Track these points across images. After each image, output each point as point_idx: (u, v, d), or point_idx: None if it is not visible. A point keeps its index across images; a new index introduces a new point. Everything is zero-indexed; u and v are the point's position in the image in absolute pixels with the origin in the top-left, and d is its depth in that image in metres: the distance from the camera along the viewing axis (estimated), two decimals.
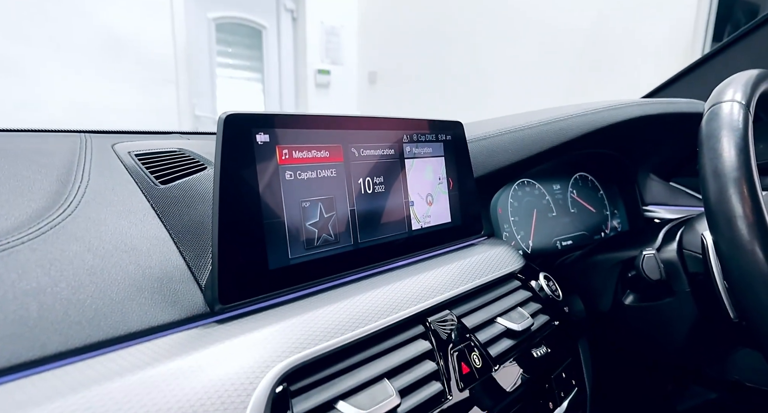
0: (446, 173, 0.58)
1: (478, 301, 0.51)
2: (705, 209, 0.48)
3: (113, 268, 0.35)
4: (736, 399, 0.90)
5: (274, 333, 0.35)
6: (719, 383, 0.92)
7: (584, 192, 0.86)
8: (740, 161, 0.46)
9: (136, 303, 0.34)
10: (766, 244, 0.44)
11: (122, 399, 0.28)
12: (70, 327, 0.30)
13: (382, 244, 0.49)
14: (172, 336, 0.34)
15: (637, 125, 0.68)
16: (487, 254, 0.58)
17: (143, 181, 0.46)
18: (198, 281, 0.38)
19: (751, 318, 0.46)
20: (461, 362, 0.44)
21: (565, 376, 0.53)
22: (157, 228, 0.40)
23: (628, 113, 0.66)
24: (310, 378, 0.35)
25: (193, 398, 0.29)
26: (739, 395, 0.89)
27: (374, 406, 0.35)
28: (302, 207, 0.42)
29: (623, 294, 0.64)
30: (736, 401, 0.89)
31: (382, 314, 0.42)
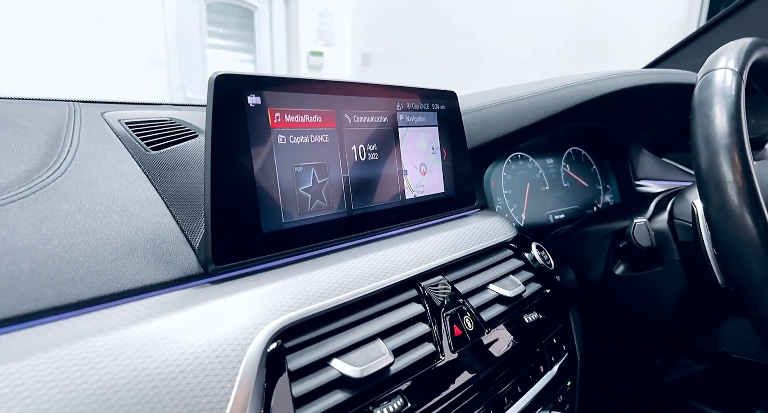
0: (440, 143, 0.58)
1: (470, 268, 0.51)
2: (696, 176, 0.48)
3: (105, 228, 0.35)
4: (724, 371, 0.92)
5: (268, 292, 0.36)
6: (707, 355, 0.94)
7: (577, 166, 0.87)
8: (732, 128, 0.46)
9: (129, 263, 0.34)
10: (755, 211, 0.44)
11: (118, 351, 0.28)
12: (63, 283, 0.30)
13: (376, 212, 0.49)
14: (166, 295, 0.34)
15: (630, 96, 0.68)
16: (480, 224, 0.58)
17: (134, 147, 0.45)
18: (191, 243, 0.38)
19: (739, 284, 0.46)
20: (453, 325, 0.44)
21: (555, 342, 0.54)
22: (149, 192, 0.40)
23: (621, 83, 0.66)
24: (305, 337, 0.35)
25: (189, 353, 0.29)
26: (726, 366, 0.92)
27: (368, 363, 0.35)
28: (295, 172, 0.42)
29: (614, 264, 0.65)
30: (724, 372, 0.92)
31: (376, 277, 0.42)
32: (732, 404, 0.85)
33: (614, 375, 0.95)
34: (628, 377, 0.94)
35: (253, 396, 0.29)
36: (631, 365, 0.95)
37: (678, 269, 0.59)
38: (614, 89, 0.65)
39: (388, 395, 0.36)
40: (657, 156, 0.94)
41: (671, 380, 0.94)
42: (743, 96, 0.48)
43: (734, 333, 0.93)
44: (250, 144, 0.39)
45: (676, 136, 0.94)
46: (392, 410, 0.36)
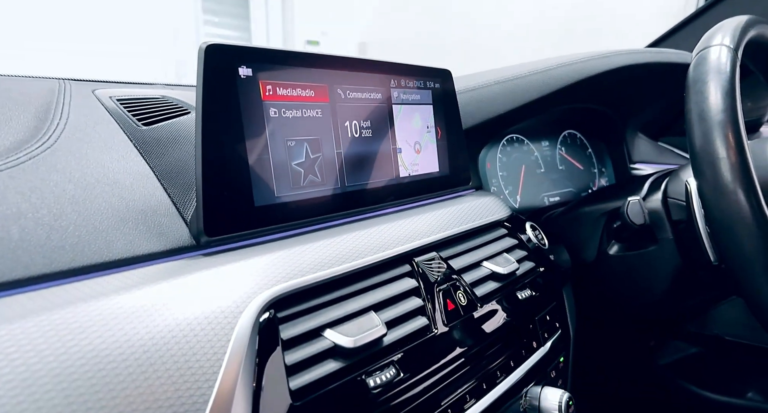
0: (434, 122, 0.58)
1: (464, 246, 0.52)
2: (690, 153, 0.48)
3: (96, 199, 0.34)
4: (717, 353, 0.93)
5: (261, 264, 0.36)
6: (700, 337, 0.95)
7: (572, 149, 0.87)
8: (726, 104, 0.46)
9: (120, 233, 0.34)
10: (747, 187, 0.44)
11: (110, 318, 0.28)
12: (53, 251, 0.30)
13: (370, 190, 0.49)
14: (157, 266, 0.34)
15: (625, 75, 0.68)
16: (474, 203, 0.58)
17: (125, 122, 0.45)
18: (183, 216, 0.38)
19: (731, 260, 0.47)
20: (447, 300, 0.44)
21: (549, 319, 0.55)
22: (140, 166, 0.40)
23: (617, 61, 0.65)
24: (298, 307, 0.35)
25: (181, 320, 0.29)
26: (719, 348, 0.93)
27: (361, 334, 0.36)
28: (288, 146, 0.42)
29: (608, 244, 0.65)
30: (717, 354, 0.93)
31: (369, 252, 0.42)
32: (725, 385, 0.86)
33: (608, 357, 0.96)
34: (622, 359, 0.95)
35: (245, 363, 0.29)
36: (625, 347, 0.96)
37: (671, 248, 0.60)
38: (609, 68, 0.65)
39: (381, 365, 0.37)
40: (652, 139, 0.94)
41: (665, 362, 0.95)
42: (738, 73, 0.48)
43: (727, 315, 0.93)
44: (241, 116, 0.38)
45: (671, 120, 0.94)
46: (385, 379, 0.36)
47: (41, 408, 0.23)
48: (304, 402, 0.31)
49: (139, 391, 0.26)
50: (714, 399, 0.86)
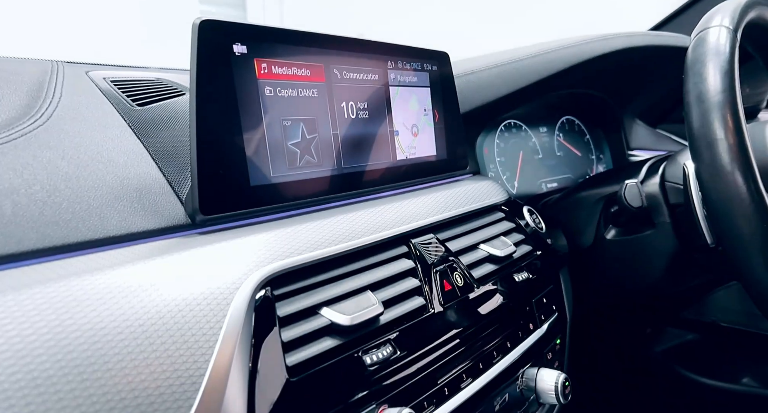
0: (432, 105, 0.58)
1: (461, 228, 0.51)
2: (688, 135, 0.48)
3: (90, 176, 0.34)
4: (713, 339, 0.94)
5: (257, 242, 0.36)
6: (697, 324, 0.96)
7: (570, 136, 0.86)
8: (725, 84, 0.46)
9: (114, 210, 0.33)
10: (745, 168, 0.44)
11: (105, 293, 0.28)
12: (46, 226, 0.30)
13: (367, 172, 0.49)
14: (153, 243, 0.34)
15: (624, 58, 0.67)
16: (472, 186, 0.58)
17: (119, 102, 0.45)
18: (178, 195, 0.38)
19: (727, 242, 0.47)
20: (443, 280, 0.44)
21: (545, 302, 0.55)
22: (134, 145, 0.40)
23: (615, 44, 0.65)
24: (294, 285, 0.35)
25: (177, 296, 0.29)
26: (715, 335, 0.93)
27: (358, 312, 0.35)
28: (283, 125, 0.42)
29: (605, 229, 0.65)
30: (713, 341, 0.94)
31: (366, 233, 0.42)
32: (720, 371, 0.87)
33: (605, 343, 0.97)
34: (618, 345, 0.96)
35: (241, 339, 0.29)
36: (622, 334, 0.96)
37: (668, 231, 0.60)
38: (608, 50, 0.64)
39: (378, 343, 0.37)
40: (651, 126, 0.93)
41: (661, 349, 0.96)
42: (737, 53, 0.48)
43: (723, 302, 0.94)
44: (236, 94, 0.38)
45: (670, 107, 0.94)
46: (382, 357, 0.36)
47: (36, 378, 0.23)
48: (300, 378, 0.31)
49: (134, 363, 0.26)
50: (709, 385, 0.86)
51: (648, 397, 0.95)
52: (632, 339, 0.95)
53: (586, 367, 0.96)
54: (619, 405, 0.97)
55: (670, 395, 0.92)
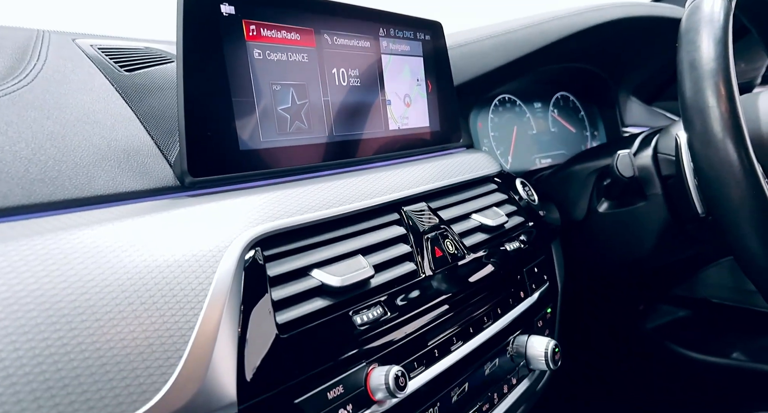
0: (425, 75, 0.57)
1: (454, 198, 0.52)
2: (680, 104, 0.48)
3: (75, 137, 0.34)
4: (704, 316, 0.95)
5: (247, 205, 0.35)
6: (688, 301, 0.97)
7: (565, 112, 0.86)
8: (717, 52, 0.45)
9: (101, 170, 0.33)
10: (736, 137, 0.44)
11: (93, 248, 0.27)
12: (32, 183, 0.30)
13: (359, 141, 0.49)
14: (141, 204, 0.34)
15: (619, 29, 0.67)
16: (465, 158, 0.58)
17: (106, 68, 0.44)
18: (167, 158, 0.38)
19: (718, 210, 0.47)
20: (435, 247, 0.45)
21: (537, 271, 0.55)
22: (121, 108, 0.39)
23: (610, 14, 0.64)
24: (285, 247, 0.35)
25: (167, 253, 0.29)
26: (706, 311, 0.95)
27: (348, 274, 0.36)
28: (273, 90, 0.41)
29: (598, 202, 0.66)
30: (704, 317, 0.95)
31: (357, 199, 0.42)
32: (711, 346, 0.88)
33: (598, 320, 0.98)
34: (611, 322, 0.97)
35: (231, 295, 0.29)
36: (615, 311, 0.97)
37: (660, 203, 0.60)
38: (603, 21, 0.64)
39: (368, 304, 0.37)
40: (646, 103, 0.93)
41: (653, 326, 0.97)
42: (731, 22, 0.47)
43: (714, 278, 0.95)
44: (224, 55, 0.37)
45: (665, 83, 0.93)
46: (372, 317, 0.36)
47: (24, 325, 0.23)
48: (290, 335, 0.32)
49: (123, 315, 0.26)
50: (700, 360, 0.88)
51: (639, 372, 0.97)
52: (624, 316, 0.97)
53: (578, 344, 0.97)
54: (611, 380, 0.99)
55: (662, 370, 0.94)
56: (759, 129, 0.54)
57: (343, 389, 0.33)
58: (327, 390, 0.32)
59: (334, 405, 0.32)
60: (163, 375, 0.25)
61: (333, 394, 0.32)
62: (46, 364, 0.23)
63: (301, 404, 0.31)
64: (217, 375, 0.27)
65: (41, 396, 0.22)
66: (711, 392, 0.90)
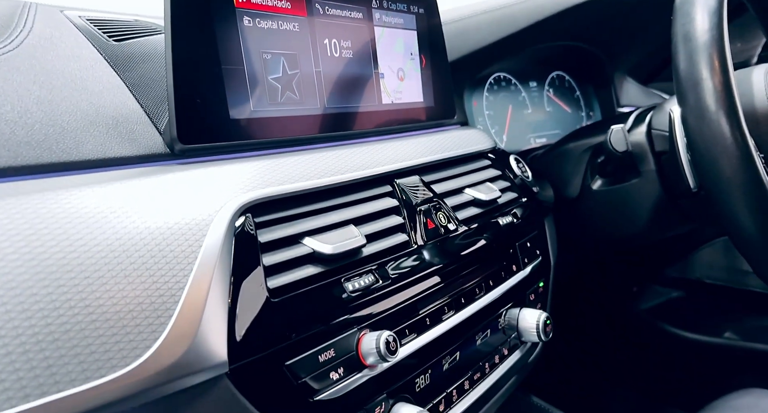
0: (418, 49, 0.56)
1: (447, 172, 0.51)
2: (674, 78, 0.48)
3: (63, 102, 0.33)
4: (698, 296, 0.96)
5: (238, 172, 0.35)
6: (682, 282, 0.98)
7: (560, 92, 0.86)
8: (712, 23, 0.45)
9: (90, 135, 0.33)
10: (729, 110, 0.44)
11: (81, 208, 0.27)
12: (18, 146, 0.29)
13: (351, 114, 0.48)
14: (131, 169, 0.33)
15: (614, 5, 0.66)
16: (459, 134, 0.58)
17: (94, 37, 0.43)
18: (157, 126, 0.37)
19: (710, 183, 0.47)
20: (427, 219, 0.45)
21: (529, 246, 0.56)
22: (110, 76, 0.39)
23: None
24: (276, 214, 0.35)
25: (157, 216, 0.29)
26: (700, 292, 0.96)
27: (340, 242, 0.36)
28: (263, 58, 0.41)
29: (592, 179, 0.66)
30: (698, 298, 0.96)
31: (350, 170, 0.42)
32: (704, 326, 0.89)
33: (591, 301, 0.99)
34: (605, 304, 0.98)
35: (221, 259, 0.29)
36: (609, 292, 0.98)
37: (653, 179, 0.60)
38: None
39: (360, 272, 0.37)
40: (642, 84, 0.93)
41: (647, 307, 0.98)
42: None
43: (708, 259, 0.96)
44: (213, 21, 0.37)
45: (661, 63, 0.93)
46: (363, 285, 0.36)
47: (11, 280, 0.23)
48: (281, 299, 0.32)
49: (113, 274, 0.26)
50: (693, 339, 0.89)
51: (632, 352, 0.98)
52: (618, 297, 0.98)
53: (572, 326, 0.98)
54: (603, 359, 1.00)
55: (654, 350, 0.95)
56: (752, 104, 0.54)
57: (335, 352, 0.33)
58: (318, 353, 0.32)
59: (326, 368, 0.33)
60: (154, 332, 0.26)
61: (324, 357, 0.33)
62: (35, 318, 0.23)
63: (293, 366, 0.31)
64: (207, 334, 0.27)
65: (30, 349, 0.22)
66: (703, 370, 0.91)
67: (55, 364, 0.23)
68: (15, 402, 0.21)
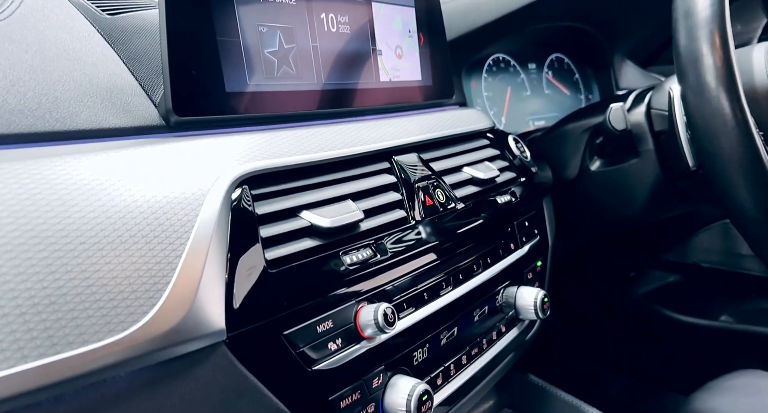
0: (417, 26, 0.56)
1: (445, 151, 0.51)
2: (674, 55, 0.47)
3: (56, 71, 0.33)
4: (695, 280, 0.97)
5: (234, 144, 0.35)
6: (678, 266, 0.99)
7: (559, 74, 0.85)
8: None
9: (84, 105, 0.32)
10: (729, 85, 0.44)
11: (75, 174, 0.27)
12: (11, 113, 0.29)
13: (348, 90, 0.48)
14: (126, 140, 0.33)
15: None
16: (457, 113, 0.57)
17: (87, 11, 0.42)
18: (152, 99, 0.37)
19: (709, 161, 0.47)
20: (425, 196, 0.44)
21: (527, 225, 0.56)
22: (104, 48, 0.38)
23: None
24: (274, 187, 0.35)
25: (155, 187, 0.29)
26: (697, 276, 0.96)
27: (338, 216, 0.36)
28: (259, 31, 0.40)
29: (590, 160, 0.66)
30: (695, 282, 0.97)
31: (348, 145, 0.41)
32: (700, 310, 0.90)
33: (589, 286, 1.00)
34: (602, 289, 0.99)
35: (217, 229, 0.29)
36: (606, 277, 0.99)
37: (652, 159, 0.60)
38: None
39: (358, 246, 0.37)
40: (641, 67, 0.92)
41: (644, 291, 0.99)
42: None
43: (705, 243, 0.96)
44: None
45: (661, 47, 0.92)
46: (361, 258, 0.36)
47: (6, 244, 0.23)
48: (279, 270, 0.32)
49: (109, 240, 0.26)
50: (689, 323, 0.90)
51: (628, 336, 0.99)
52: (615, 282, 0.98)
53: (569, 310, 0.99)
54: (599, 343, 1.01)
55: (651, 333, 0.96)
56: (753, 82, 0.54)
57: (333, 324, 0.33)
58: (316, 323, 0.33)
59: (324, 339, 0.33)
60: (151, 298, 0.26)
61: (322, 328, 0.33)
62: (30, 281, 0.23)
63: (291, 335, 0.31)
64: (205, 302, 0.27)
65: (27, 311, 0.22)
66: (699, 353, 0.92)
67: (52, 327, 0.23)
68: (13, 362, 0.21)
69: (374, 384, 0.35)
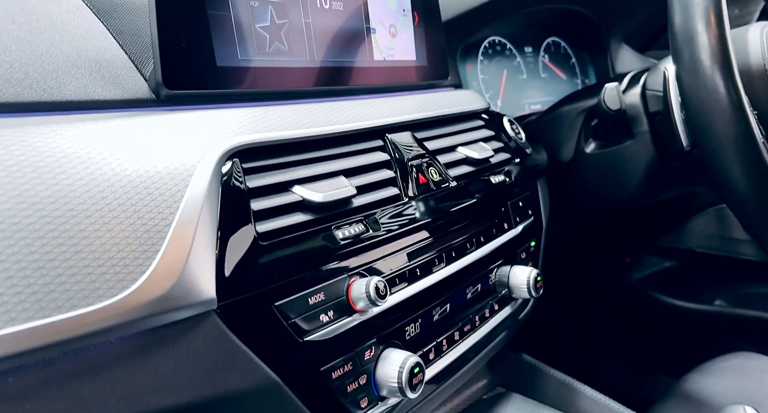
0: (411, 5, 0.55)
1: (439, 131, 0.51)
2: (669, 34, 0.47)
3: (43, 43, 0.32)
4: (689, 265, 0.97)
5: (225, 118, 0.35)
6: (674, 251, 0.99)
7: (556, 58, 0.85)
8: None
9: (72, 77, 0.32)
10: (724, 66, 0.44)
11: (63, 143, 0.27)
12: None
13: (341, 68, 0.48)
14: (115, 112, 0.33)
15: None
16: (452, 94, 0.57)
17: None
18: (142, 72, 0.37)
19: (703, 141, 0.47)
20: (419, 174, 0.44)
21: (521, 206, 0.56)
22: (92, 22, 0.37)
23: None
24: (265, 162, 0.35)
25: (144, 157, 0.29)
26: (692, 261, 0.97)
27: (330, 191, 0.35)
28: (251, 5, 0.40)
29: (585, 142, 0.66)
30: (690, 267, 0.97)
31: (340, 122, 0.41)
32: (695, 294, 0.91)
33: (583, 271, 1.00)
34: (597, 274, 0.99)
35: (207, 199, 0.29)
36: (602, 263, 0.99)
37: (647, 141, 0.60)
38: None
39: (350, 222, 0.37)
40: (638, 52, 0.92)
41: (639, 276, 0.99)
42: None
43: (700, 229, 0.97)
44: None
45: (657, 32, 0.92)
46: (354, 233, 0.36)
47: None
48: (270, 243, 0.32)
49: (97, 207, 0.25)
50: (684, 307, 0.90)
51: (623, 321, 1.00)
52: (611, 268, 0.99)
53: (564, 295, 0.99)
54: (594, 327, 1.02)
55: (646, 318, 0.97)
56: (747, 62, 0.54)
57: (324, 296, 0.33)
58: (308, 295, 0.33)
59: (315, 310, 0.33)
60: (140, 266, 0.25)
61: (314, 300, 0.33)
62: (17, 246, 0.23)
63: (282, 306, 0.31)
64: (195, 271, 0.27)
65: (14, 275, 0.22)
66: (693, 338, 0.93)
67: (40, 291, 0.22)
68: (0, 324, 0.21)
69: (366, 356, 0.36)
